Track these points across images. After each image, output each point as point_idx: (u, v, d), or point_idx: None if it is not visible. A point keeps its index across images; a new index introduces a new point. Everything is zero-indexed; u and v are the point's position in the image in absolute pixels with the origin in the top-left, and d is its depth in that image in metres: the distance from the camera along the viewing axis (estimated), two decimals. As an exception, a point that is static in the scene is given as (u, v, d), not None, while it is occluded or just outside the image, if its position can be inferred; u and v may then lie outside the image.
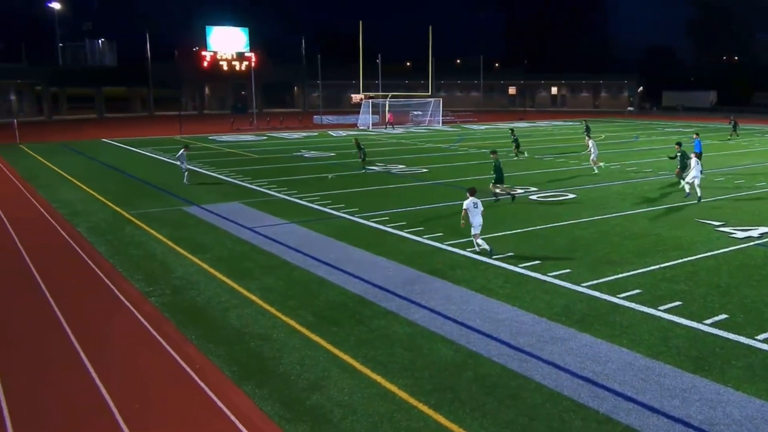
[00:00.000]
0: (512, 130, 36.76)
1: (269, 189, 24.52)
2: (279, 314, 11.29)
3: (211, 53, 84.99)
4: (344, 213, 19.86)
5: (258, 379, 8.88)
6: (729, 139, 45.71)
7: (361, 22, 62.90)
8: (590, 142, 30.54)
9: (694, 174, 21.38)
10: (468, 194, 15.11)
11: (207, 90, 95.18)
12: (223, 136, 51.52)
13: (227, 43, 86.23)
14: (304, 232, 17.44)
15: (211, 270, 13.93)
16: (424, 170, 29.84)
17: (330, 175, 19.66)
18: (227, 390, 8.61)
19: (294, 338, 10.25)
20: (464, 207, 14.90)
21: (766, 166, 31.42)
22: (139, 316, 11.33)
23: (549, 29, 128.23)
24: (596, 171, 28.52)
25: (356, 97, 68.39)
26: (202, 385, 8.77)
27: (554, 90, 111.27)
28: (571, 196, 22.76)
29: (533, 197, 22.60)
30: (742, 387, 8.49)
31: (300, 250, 15.44)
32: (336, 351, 9.76)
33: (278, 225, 18.23)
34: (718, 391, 8.40)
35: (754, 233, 16.86)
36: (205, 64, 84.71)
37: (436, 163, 33.02)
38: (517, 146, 34.59)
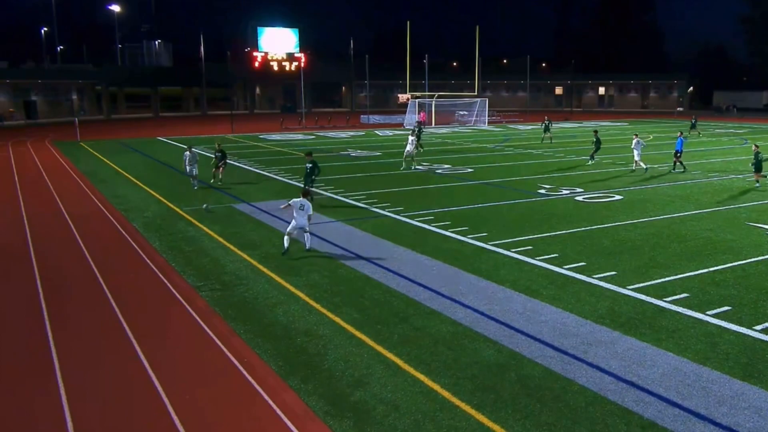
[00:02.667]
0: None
1: (316, 187, 24.71)
2: (325, 311, 11.39)
3: (262, 54, 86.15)
4: (389, 212, 19.90)
5: (303, 374, 8.98)
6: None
7: (408, 22, 62.93)
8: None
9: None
10: (300, 195, 15.65)
11: (258, 90, 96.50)
12: (273, 135, 52.19)
13: (278, 43, 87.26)
14: (349, 230, 17.54)
15: (260, 266, 14.14)
16: (470, 170, 29.65)
17: (205, 206, 19.14)
18: (273, 384, 8.73)
19: (339, 335, 10.33)
20: (289, 203, 15.20)
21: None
22: (191, 310, 11.58)
23: (597, 29, 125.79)
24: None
25: (403, 97, 68.38)
26: (249, 378, 8.91)
27: (601, 90, 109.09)
28: (617, 197, 22.30)
29: (579, 198, 22.22)
30: (794, 396, 8.19)
31: (345, 248, 15.54)
32: (380, 348, 9.80)
33: (324, 223, 18.37)
34: (767, 399, 8.12)
35: (809, 238, 16.23)
36: (256, 64, 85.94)
37: (481, 163, 32.77)
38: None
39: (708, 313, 11.07)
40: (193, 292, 12.57)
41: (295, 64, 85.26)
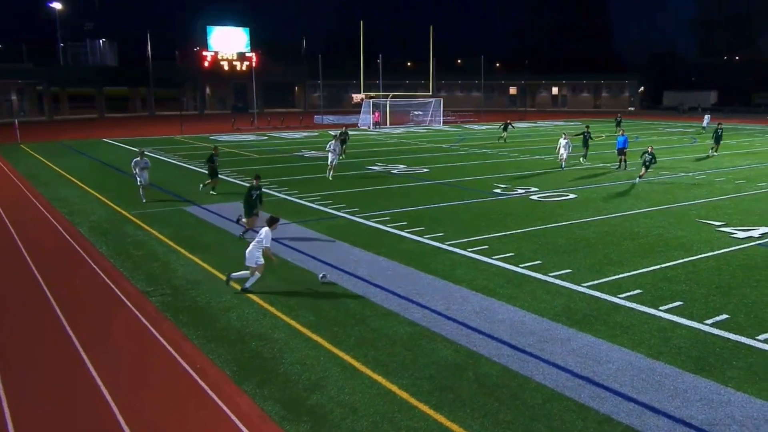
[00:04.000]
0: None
1: (269, 189, 24.52)
2: (280, 314, 11.29)
3: (212, 53, 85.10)
4: (345, 213, 19.86)
5: (259, 379, 8.88)
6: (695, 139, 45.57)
7: (362, 22, 62.93)
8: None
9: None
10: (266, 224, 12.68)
11: (208, 90, 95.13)
12: (224, 136, 51.53)
13: (228, 43, 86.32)
14: (304, 232, 17.45)
15: (212, 270, 13.93)
16: (425, 170, 29.83)
17: (322, 275, 15.10)
18: (228, 390, 8.61)
19: (295, 338, 10.26)
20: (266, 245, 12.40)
21: (766, 167, 31.39)
22: (140, 316, 11.34)
23: (551, 30, 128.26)
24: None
25: (357, 97, 68.41)
26: (203, 384, 8.77)
27: (555, 90, 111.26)
28: (571, 196, 22.75)
29: (534, 197, 22.59)
30: (743, 387, 8.49)
31: (301, 250, 15.44)
32: (336, 351, 9.77)
33: (279, 225, 18.18)
34: (718, 392, 8.40)
35: (755, 233, 16.85)
36: (206, 64, 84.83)
37: (437, 163, 33.00)
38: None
39: (661, 308, 11.38)
40: (142, 297, 12.31)
41: (246, 63, 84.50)
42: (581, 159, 32.47)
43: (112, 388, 8.66)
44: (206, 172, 24.80)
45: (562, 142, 29.76)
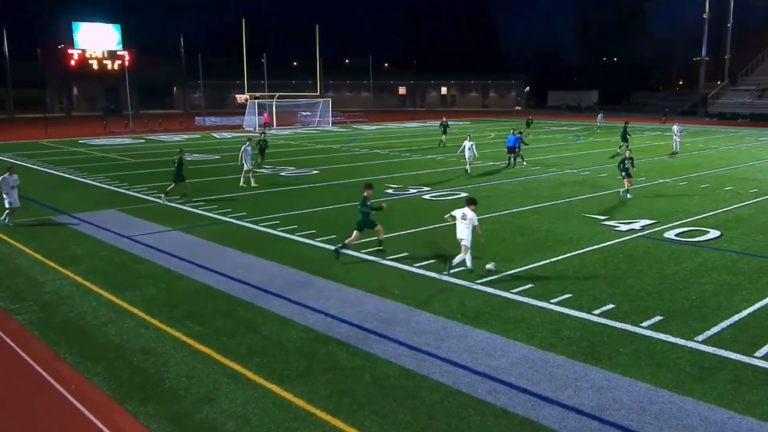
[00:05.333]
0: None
1: (149, 195, 23.65)
2: (163, 326, 10.90)
3: (79, 51, 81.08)
4: (231, 218, 19.48)
5: (142, 396, 8.53)
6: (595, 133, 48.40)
7: (243, 20, 61.97)
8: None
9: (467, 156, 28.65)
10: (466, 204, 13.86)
11: (75, 90, 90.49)
12: (95, 140, 49.12)
13: (97, 40, 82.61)
14: (188, 239, 16.94)
15: (86, 283, 13.24)
16: (315, 172, 29.78)
17: None
18: (108, 410, 8.21)
19: (181, 351, 9.94)
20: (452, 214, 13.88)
21: (643, 163, 33.73)
22: (4, 336, 10.59)
23: (439, 30, 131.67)
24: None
25: (241, 98, 67.33)
26: (80, 407, 8.31)
27: (444, 90, 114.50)
28: (463, 195, 23.43)
29: (426, 197, 23.11)
30: (629, 372, 9.08)
31: (184, 258, 14.98)
32: (227, 361, 9.56)
33: (160, 232, 17.61)
34: (607, 378, 8.93)
35: (636, 226, 18.08)
36: (73, 62, 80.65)
37: (327, 164, 33.05)
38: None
39: (551, 301, 11.96)
40: (6, 315, 11.50)
41: (118, 62, 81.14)
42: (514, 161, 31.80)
43: (-27, 417, 8.05)
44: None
45: (467, 144, 29.40)
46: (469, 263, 13.58)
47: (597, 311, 11.46)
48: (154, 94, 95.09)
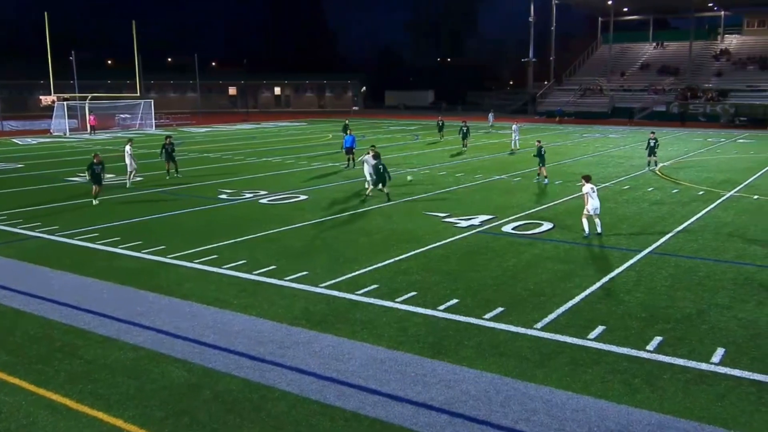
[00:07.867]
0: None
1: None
2: (-38, 358, 9.93)
3: None
4: (40, 232, 18.13)
5: (-62, 439, 7.73)
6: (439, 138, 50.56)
7: (46, 13, 57.91)
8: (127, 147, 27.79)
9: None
10: (584, 181, 17.32)
11: None
12: None
13: None
14: (-11, 259, 15.56)
15: None
16: (139, 178, 28.45)
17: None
18: None
19: (-15, 384, 9.10)
20: (584, 191, 17.01)
21: (482, 160, 35.68)
22: None
23: (269, 29, 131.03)
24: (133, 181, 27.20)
25: (47, 99, 62.98)
26: None
27: (278, 90, 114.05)
28: (303, 197, 23.51)
29: (264, 201, 22.89)
30: (475, 364, 9.56)
31: (-14, 280, 13.74)
32: (42, 391, 8.88)
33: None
34: (454, 372, 9.35)
35: (476, 221, 19.08)
36: None
37: (151, 170, 31.67)
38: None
39: (397, 300, 12.31)
40: None
41: None
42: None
43: None
44: None
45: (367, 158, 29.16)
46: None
47: (442, 307, 11.95)
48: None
